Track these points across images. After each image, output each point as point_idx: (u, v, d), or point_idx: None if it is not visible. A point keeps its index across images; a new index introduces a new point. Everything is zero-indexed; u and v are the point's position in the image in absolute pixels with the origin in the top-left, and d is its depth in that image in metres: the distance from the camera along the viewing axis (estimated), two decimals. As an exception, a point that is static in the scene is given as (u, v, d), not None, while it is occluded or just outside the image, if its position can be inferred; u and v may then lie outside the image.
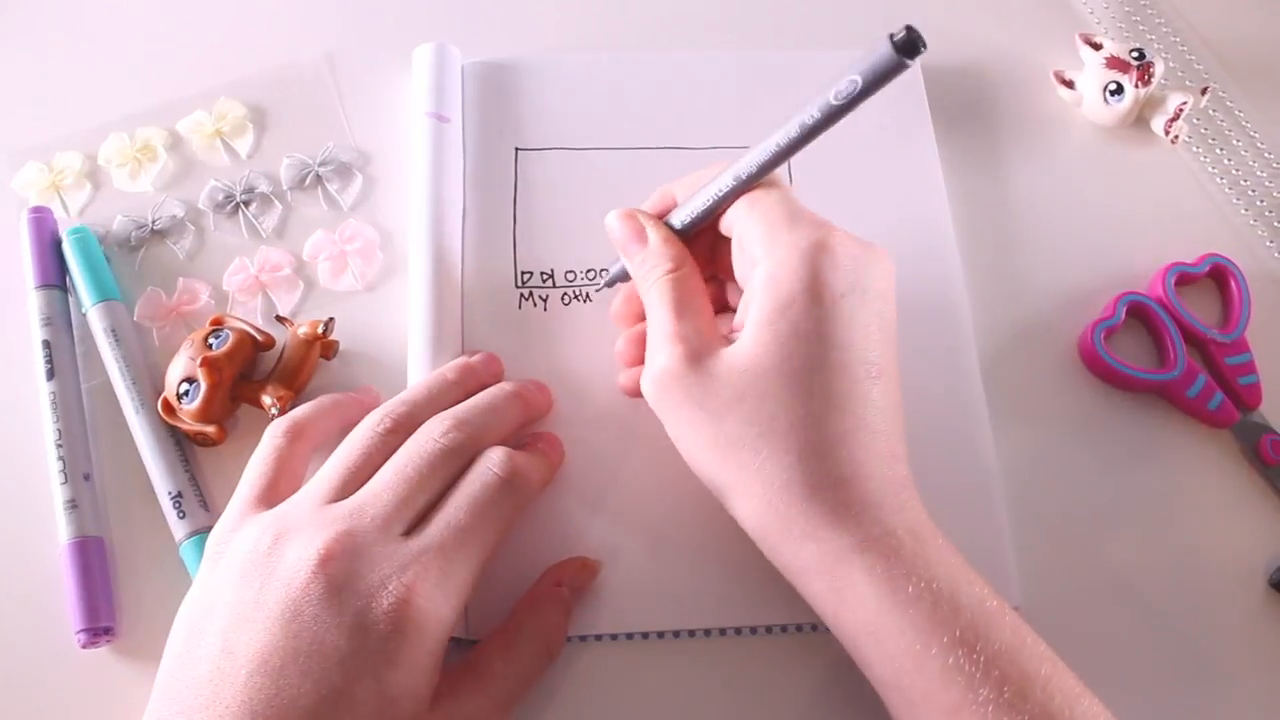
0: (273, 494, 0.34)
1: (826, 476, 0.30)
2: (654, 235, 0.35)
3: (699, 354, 0.32)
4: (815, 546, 0.30)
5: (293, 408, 0.38)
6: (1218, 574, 0.39)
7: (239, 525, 0.33)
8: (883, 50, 0.28)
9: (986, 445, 0.39)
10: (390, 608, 0.29)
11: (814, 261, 0.31)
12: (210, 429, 0.38)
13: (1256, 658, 0.37)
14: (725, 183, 0.34)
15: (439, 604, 0.30)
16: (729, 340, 0.33)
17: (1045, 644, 0.30)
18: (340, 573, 0.30)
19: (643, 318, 0.37)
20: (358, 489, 0.33)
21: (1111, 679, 0.35)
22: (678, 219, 0.36)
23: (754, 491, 0.31)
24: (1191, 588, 0.38)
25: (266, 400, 0.38)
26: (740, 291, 0.35)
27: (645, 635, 0.36)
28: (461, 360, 0.38)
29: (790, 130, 0.31)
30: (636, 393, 0.35)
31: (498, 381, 0.39)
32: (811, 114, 0.30)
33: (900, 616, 0.29)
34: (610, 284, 0.40)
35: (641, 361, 0.35)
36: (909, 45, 0.27)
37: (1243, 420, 0.41)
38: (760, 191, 0.34)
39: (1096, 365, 0.41)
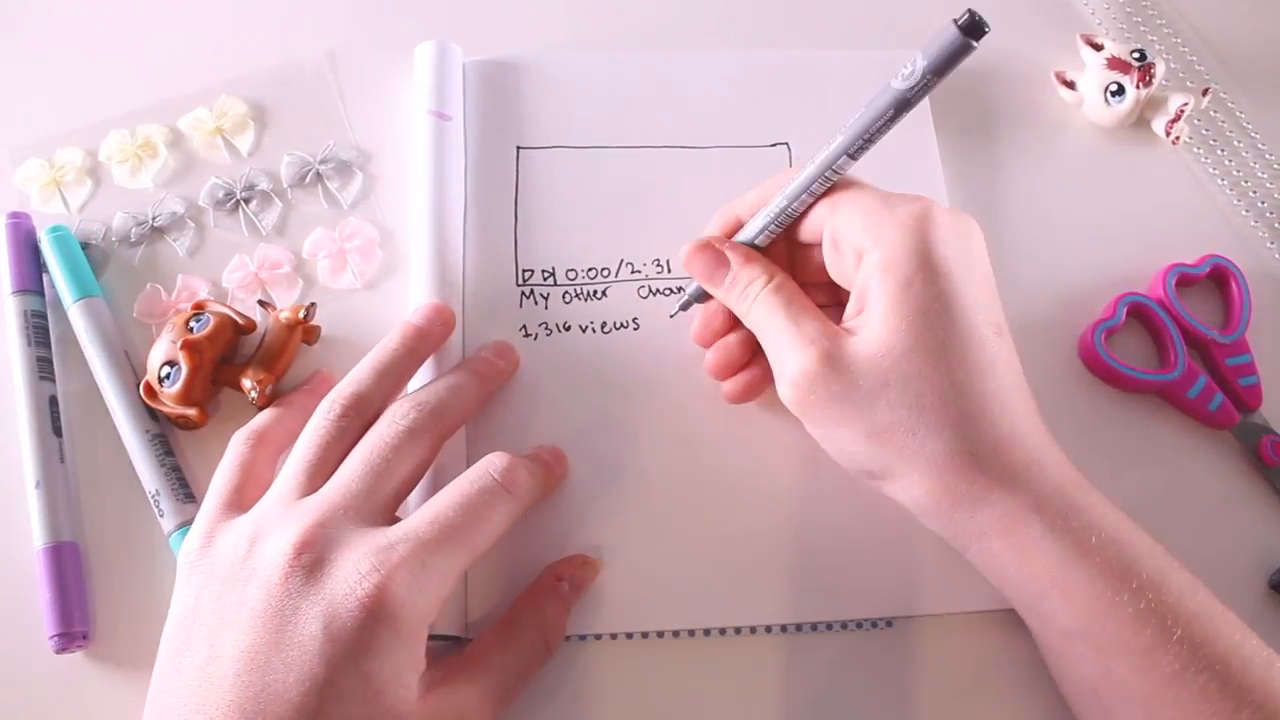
0: (240, 500, 0.34)
1: (984, 441, 0.31)
2: (735, 257, 0.36)
3: (831, 352, 0.32)
4: (990, 511, 0.31)
5: (273, 392, 0.38)
6: (1218, 574, 0.38)
7: (211, 535, 0.32)
8: (948, 33, 0.28)
9: (987, 445, 0.39)
10: (364, 595, 0.29)
11: (924, 235, 0.32)
12: (191, 412, 0.38)
13: (1256, 658, 0.37)
14: (797, 187, 0.34)
15: (415, 594, 0.30)
16: (849, 331, 0.33)
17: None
18: (315, 562, 0.30)
19: (726, 332, 0.38)
20: (324, 479, 0.33)
21: (1111, 679, 0.35)
22: (751, 234, 0.36)
23: (920, 470, 0.32)
24: (1191, 588, 0.38)
25: (246, 384, 0.38)
26: (828, 291, 0.36)
27: (645, 635, 0.36)
28: (407, 324, 0.38)
29: (858, 125, 0.32)
30: (741, 398, 0.37)
31: (448, 333, 0.39)
32: (879, 106, 0.31)
33: (1089, 566, 0.30)
34: (685, 307, 0.40)
35: (740, 368, 0.37)
36: (973, 26, 0.28)
37: (1243, 421, 0.41)
38: (839, 189, 0.34)
39: (1097, 365, 0.41)
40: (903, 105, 0.31)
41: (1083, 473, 0.39)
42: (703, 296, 0.38)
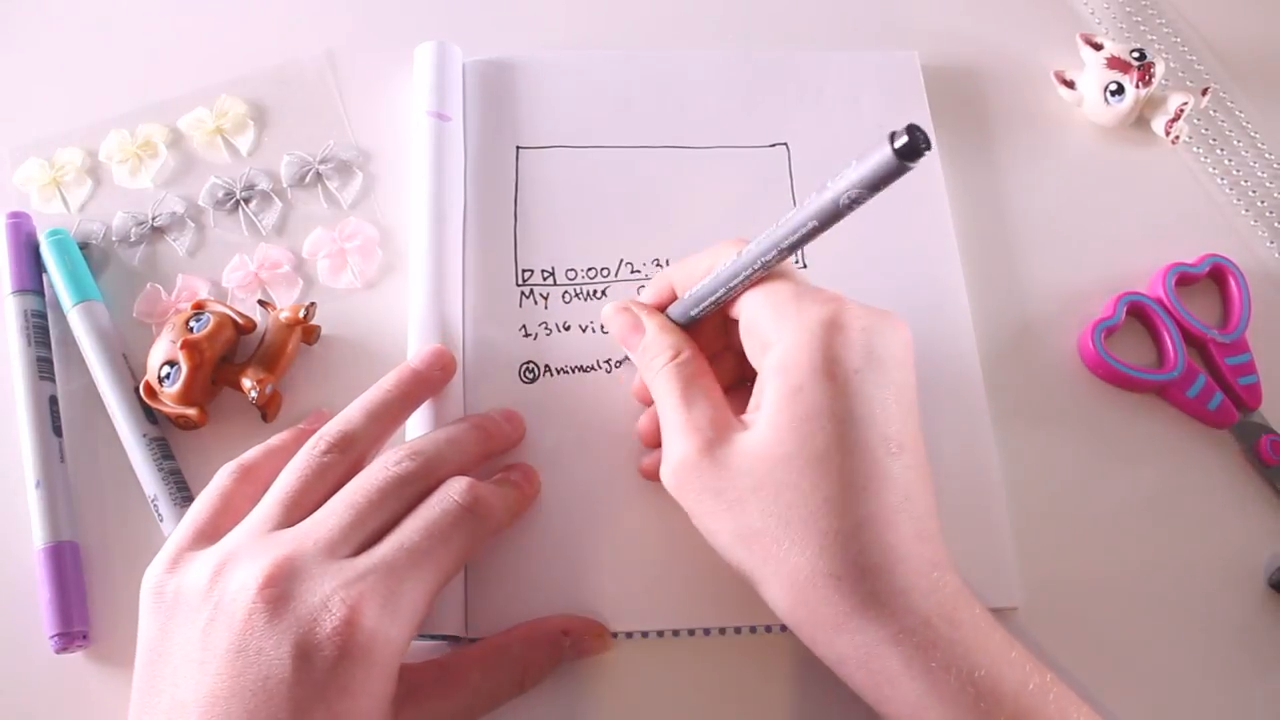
0: (213, 531, 0.33)
1: (852, 564, 0.29)
2: (650, 325, 0.35)
3: (712, 443, 0.31)
4: (848, 638, 0.29)
5: (273, 391, 0.38)
6: (1218, 574, 0.38)
7: (177, 562, 0.31)
8: (883, 155, 0.26)
9: (988, 445, 0.39)
10: (334, 630, 0.28)
11: (825, 340, 0.30)
12: (192, 411, 0.38)
13: (1256, 658, 0.37)
14: (725, 275, 0.33)
15: (386, 625, 0.29)
16: (744, 424, 0.32)
17: (1089, 707, 0.29)
18: (281, 596, 0.29)
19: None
20: (302, 514, 0.32)
21: (1111, 679, 0.36)
22: (678, 313, 0.35)
23: (781, 583, 0.30)
24: (1191, 588, 0.38)
25: (246, 383, 0.38)
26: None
27: (645, 635, 0.36)
28: (404, 367, 0.37)
29: (789, 231, 0.30)
30: (654, 477, 0.35)
31: (448, 379, 0.38)
32: (809, 220, 0.29)
33: (943, 711, 0.28)
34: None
35: (657, 443, 0.35)
36: (910, 150, 0.25)
37: (1242, 420, 0.41)
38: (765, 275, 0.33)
39: (1096, 365, 0.41)
40: (831, 217, 0.29)
41: (1082, 473, 0.40)
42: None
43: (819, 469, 0.30)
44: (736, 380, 0.37)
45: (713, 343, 0.36)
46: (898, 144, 0.26)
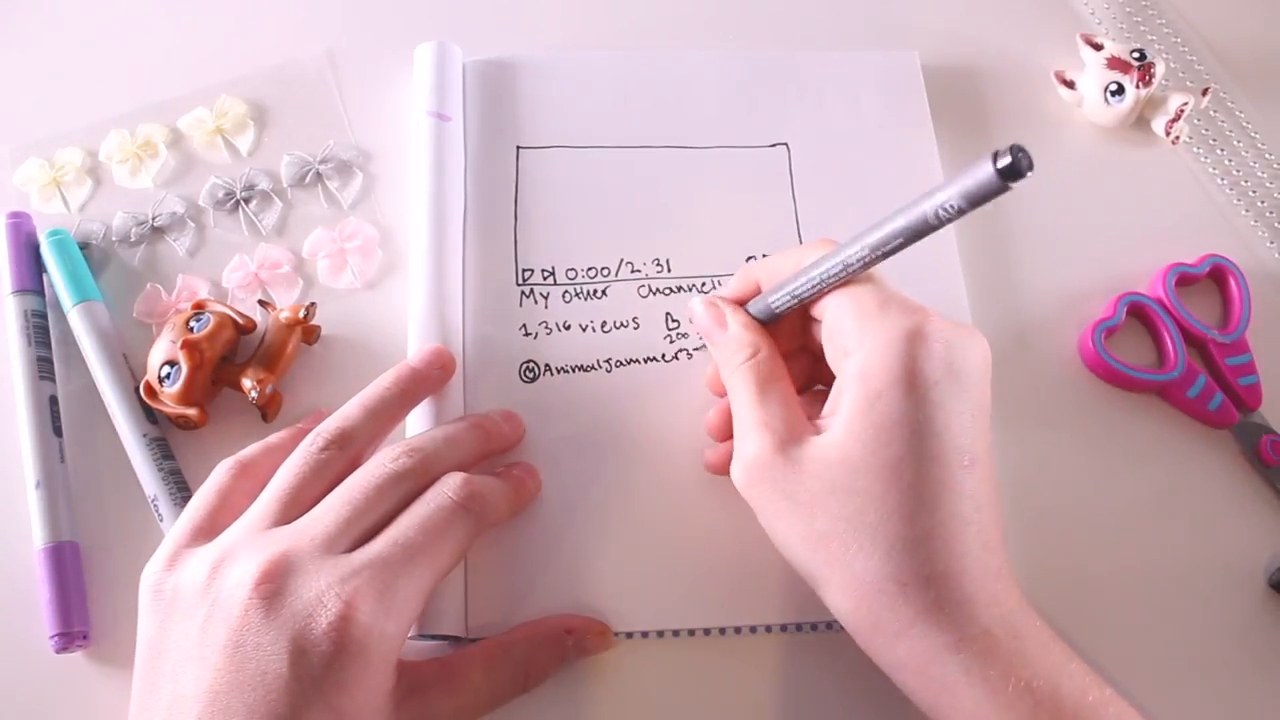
0: (211, 527, 0.33)
1: (918, 572, 0.29)
2: (733, 321, 0.35)
3: (786, 443, 0.31)
4: (909, 644, 0.30)
5: (273, 391, 0.38)
6: (1218, 574, 0.39)
7: (175, 559, 0.32)
8: (985, 173, 0.26)
9: (987, 445, 0.39)
10: (329, 626, 0.28)
11: (907, 350, 0.30)
12: (192, 411, 0.38)
13: (1256, 658, 0.37)
14: (811, 281, 0.33)
15: (381, 621, 0.29)
16: (817, 428, 0.32)
17: None
18: (277, 592, 0.29)
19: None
20: (299, 511, 0.32)
21: (1111, 679, 0.35)
22: (760, 306, 0.35)
23: (845, 586, 0.30)
24: (1191, 588, 0.38)
25: (247, 383, 0.38)
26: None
27: (645, 635, 0.36)
28: (403, 365, 0.37)
29: (882, 238, 0.30)
30: (720, 471, 0.35)
31: (446, 378, 0.38)
32: (905, 226, 0.29)
33: (1003, 716, 0.28)
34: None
35: (726, 437, 0.36)
36: (1013, 170, 0.25)
37: (1242, 421, 0.41)
38: (850, 279, 0.33)
39: (1096, 365, 0.41)
40: (924, 230, 0.29)
41: (1082, 473, 0.40)
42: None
43: (891, 476, 0.30)
44: (809, 382, 0.37)
45: (790, 342, 0.36)
46: (1000, 165, 0.25)
